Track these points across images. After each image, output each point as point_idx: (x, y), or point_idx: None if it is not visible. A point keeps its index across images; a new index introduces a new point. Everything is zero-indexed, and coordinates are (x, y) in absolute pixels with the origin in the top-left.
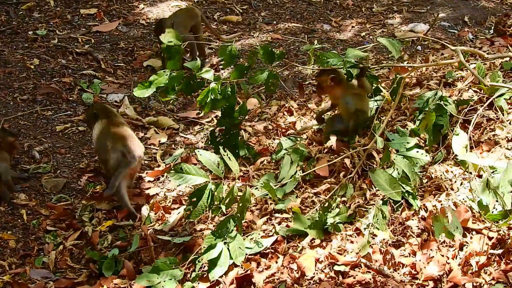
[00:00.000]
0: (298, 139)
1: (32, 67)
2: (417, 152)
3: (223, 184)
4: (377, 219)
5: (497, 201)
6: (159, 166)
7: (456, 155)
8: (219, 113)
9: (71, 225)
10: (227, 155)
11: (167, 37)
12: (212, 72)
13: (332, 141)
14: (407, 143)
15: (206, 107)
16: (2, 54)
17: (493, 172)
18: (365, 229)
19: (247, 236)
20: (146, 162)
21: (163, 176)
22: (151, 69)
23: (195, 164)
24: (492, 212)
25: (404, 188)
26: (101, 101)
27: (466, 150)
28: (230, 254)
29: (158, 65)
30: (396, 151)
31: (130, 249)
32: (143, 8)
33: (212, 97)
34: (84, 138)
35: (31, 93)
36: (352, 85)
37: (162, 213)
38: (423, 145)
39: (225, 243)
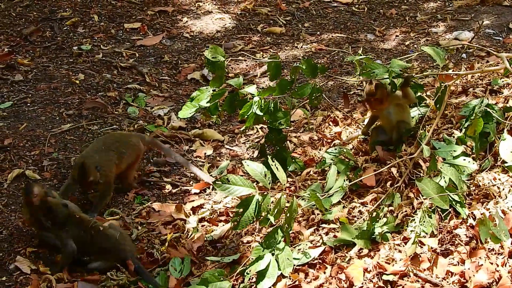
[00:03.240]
0: (344, 149)
1: (77, 82)
2: (464, 160)
3: (270, 195)
4: (424, 222)
5: None
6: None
7: (504, 162)
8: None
9: None
10: (275, 165)
11: (211, 53)
12: (254, 87)
13: (378, 151)
14: (454, 151)
15: (248, 121)
16: (47, 70)
17: None
18: (411, 231)
19: (294, 247)
20: (192, 174)
21: (209, 188)
22: (195, 82)
23: (241, 176)
24: None
25: (451, 197)
26: (146, 114)
27: None
28: (278, 265)
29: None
30: (443, 159)
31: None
32: (187, 21)
33: (255, 111)
34: None
35: (77, 108)
36: (397, 96)
37: (209, 225)
38: (470, 153)
39: (272, 254)
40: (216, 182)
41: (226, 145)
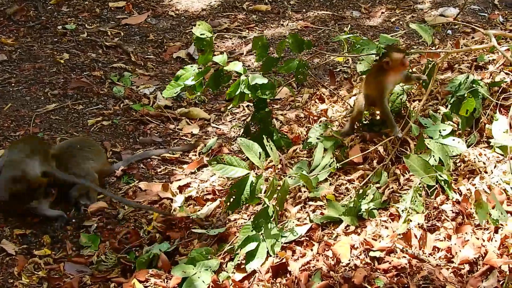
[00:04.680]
0: (329, 126)
1: (62, 61)
2: (453, 140)
3: (263, 176)
4: (415, 201)
5: None
6: (191, 158)
7: (489, 138)
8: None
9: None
10: (269, 145)
11: (199, 29)
12: (240, 65)
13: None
14: (443, 130)
15: (235, 100)
16: (31, 50)
17: None
18: (403, 211)
19: (281, 225)
20: (179, 154)
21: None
22: (181, 61)
23: (227, 155)
24: None
25: (439, 174)
26: (131, 93)
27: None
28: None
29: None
30: (430, 138)
31: None
32: None
33: (243, 90)
34: (116, 131)
35: (62, 88)
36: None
37: (195, 203)
38: (456, 128)
39: (261, 234)
40: (212, 161)
41: (213, 124)
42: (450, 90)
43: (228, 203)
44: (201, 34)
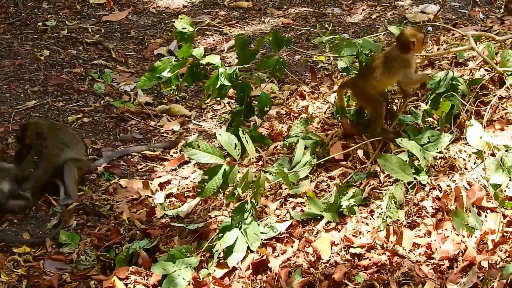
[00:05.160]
0: (309, 122)
1: (42, 58)
2: (429, 142)
3: (237, 168)
4: (390, 208)
5: (510, 180)
6: (172, 155)
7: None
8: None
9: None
10: (245, 138)
11: (180, 24)
12: (218, 58)
13: (345, 124)
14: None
15: (214, 93)
16: (11, 46)
17: (507, 151)
18: (377, 217)
19: (261, 221)
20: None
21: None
22: (161, 57)
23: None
24: (505, 190)
25: (415, 170)
26: (112, 90)
27: (482, 141)
28: (246, 240)
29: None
30: (408, 136)
31: None
32: None
33: (223, 81)
34: (96, 128)
35: (42, 85)
36: None
37: (176, 200)
38: (436, 125)
39: (240, 229)
40: (186, 146)
41: (194, 120)
42: (430, 87)
43: (200, 189)
44: (182, 28)
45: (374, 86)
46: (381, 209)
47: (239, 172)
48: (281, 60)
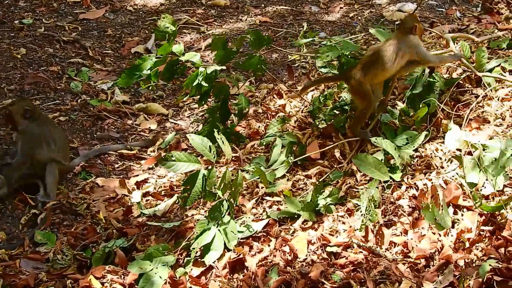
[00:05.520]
0: (286, 120)
1: (19, 56)
2: (405, 144)
3: (215, 169)
4: (369, 211)
5: (486, 179)
6: (149, 154)
7: (445, 133)
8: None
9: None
10: (220, 138)
11: (163, 22)
12: (198, 56)
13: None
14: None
15: (192, 91)
16: None
17: (485, 150)
18: (358, 219)
19: (238, 220)
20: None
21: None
22: (139, 56)
23: (185, 150)
24: (480, 190)
25: (391, 168)
26: (89, 89)
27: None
28: (224, 238)
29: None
30: (384, 135)
31: None
32: None
33: (200, 81)
34: (73, 127)
35: (19, 83)
36: None
37: (153, 199)
38: (412, 123)
39: (217, 227)
40: (161, 159)
41: (171, 119)
42: (407, 84)
43: (183, 199)
44: (165, 27)
45: (380, 74)
46: (361, 211)
47: (217, 171)
48: (262, 59)
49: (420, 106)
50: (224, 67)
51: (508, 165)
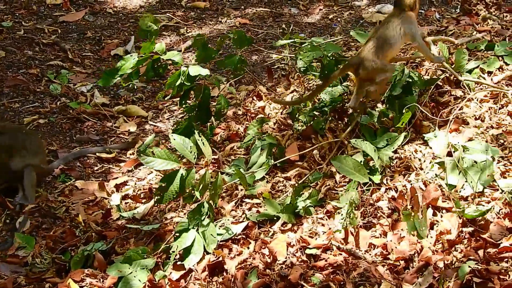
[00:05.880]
0: (265, 121)
1: None
2: (385, 146)
3: (194, 170)
4: (350, 215)
5: (466, 181)
6: (128, 157)
7: (424, 134)
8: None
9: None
10: (201, 140)
11: (145, 21)
12: (181, 55)
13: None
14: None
15: (174, 90)
16: None
17: (465, 151)
18: (339, 222)
19: (217, 223)
20: (116, 152)
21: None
22: (118, 58)
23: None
24: (460, 191)
25: (370, 170)
26: (68, 91)
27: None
28: (203, 242)
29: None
30: (363, 136)
31: None
32: None
33: (183, 81)
34: (52, 130)
35: None
36: None
37: (132, 202)
38: (391, 125)
39: (197, 230)
40: (140, 154)
41: (150, 121)
42: (388, 83)
43: (159, 196)
44: (147, 26)
45: (391, 52)
46: (342, 215)
47: (196, 174)
48: (242, 58)
49: (404, 111)
50: (208, 72)
51: (489, 170)
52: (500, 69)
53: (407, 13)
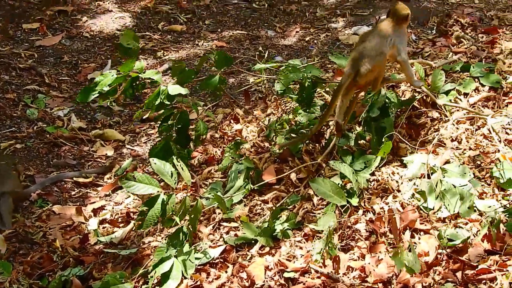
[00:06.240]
0: (242, 143)
1: None
2: (363, 169)
3: (175, 194)
4: (329, 245)
5: (444, 204)
6: (105, 181)
7: (401, 157)
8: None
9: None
10: (180, 165)
11: (125, 39)
12: (160, 75)
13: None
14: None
15: (152, 109)
16: None
17: (443, 173)
18: (317, 253)
19: (195, 246)
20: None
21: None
22: None
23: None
24: (437, 214)
25: (348, 192)
26: (45, 115)
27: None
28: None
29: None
30: (341, 159)
31: None
32: (86, 20)
33: (162, 100)
34: (29, 154)
35: None
36: None
37: (110, 226)
38: (368, 147)
39: (176, 257)
40: (122, 179)
41: (127, 145)
42: (363, 107)
43: (140, 222)
44: (127, 44)
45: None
46: (320, 243)
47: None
48: (222, 79)
49: (384, 140)
50: (187, 91)
51: (469, 201)
52: (476, 90)
53: (400, 25)
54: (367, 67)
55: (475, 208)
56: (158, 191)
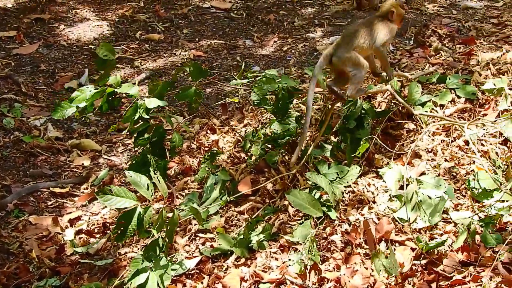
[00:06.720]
0: (218, 153)
1: None
2: (335, 179)
3: (151, 207)
4: (312, 251)
5: (419, 215)
6: (82, 191)
7: (377, 168)
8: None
9: None
10: (157, 177)
11: (102, 51)
12: (137, 88)
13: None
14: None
15: (131, 123)
16: None
17: (419, 184)
18: (301, 261)
19: (171, 258)
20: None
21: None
22: (72, 91)
23: (119, 186)
24: (412, 225)
25: (324, 204)
26: (21, 125)
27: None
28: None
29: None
30: (316, 169)
31: None
32: (64, 29)
33: (141, 114)
34: (6, 164)
35: None
36: None
37: (86, 237)
38: (344, 158)
39: (152, 269)
40: (98, 192)
41: (104, 155)
42: (339, 117)
43: (116, 234)
44: (104, 56)
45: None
46: (302, 253)
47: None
48: (198, 91)
49: (362, 142)
50: (165, 103)
51: (442, 206)
52: (452, 102)
53: (384, 20)
54: (344, 51)
55: (450, 220)
56: (134, 205)
